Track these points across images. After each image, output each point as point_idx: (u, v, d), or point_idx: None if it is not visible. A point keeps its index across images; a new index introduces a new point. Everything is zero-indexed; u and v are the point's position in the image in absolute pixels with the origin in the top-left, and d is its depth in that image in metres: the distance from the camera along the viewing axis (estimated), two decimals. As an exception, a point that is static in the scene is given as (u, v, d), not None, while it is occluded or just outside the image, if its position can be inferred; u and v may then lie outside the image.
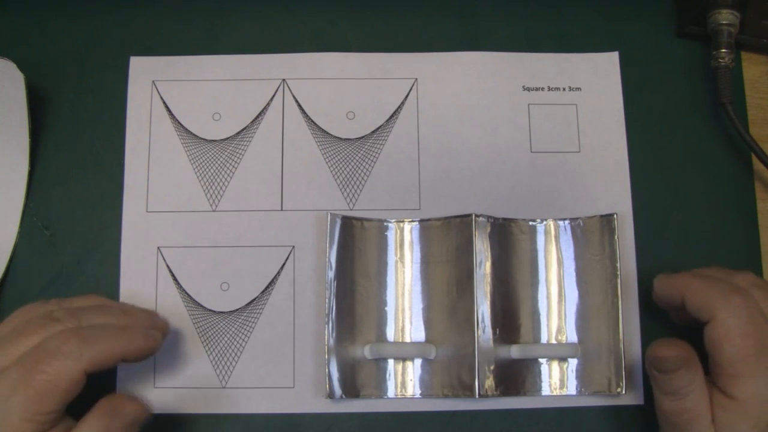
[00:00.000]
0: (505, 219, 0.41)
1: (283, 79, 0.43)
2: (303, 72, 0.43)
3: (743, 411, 0.32)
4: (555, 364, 0.40)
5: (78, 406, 0.34)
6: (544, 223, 0.41)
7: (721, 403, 0.33)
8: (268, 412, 0.39)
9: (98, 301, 0.38)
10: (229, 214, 0.41)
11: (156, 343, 0.36)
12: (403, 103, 0.43)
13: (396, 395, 0.39)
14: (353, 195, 0.42)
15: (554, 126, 0.43)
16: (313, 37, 0.44)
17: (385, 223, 0.41)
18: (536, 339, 0.40)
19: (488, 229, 0.40)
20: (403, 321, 0.40)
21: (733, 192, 0.42)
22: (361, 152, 0.42)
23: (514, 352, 0.40)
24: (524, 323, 0.40)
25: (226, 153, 0.42)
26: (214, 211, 0.41)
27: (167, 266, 0.41)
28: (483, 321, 0.39)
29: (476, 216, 0.40)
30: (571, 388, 0.40)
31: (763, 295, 0.34)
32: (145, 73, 0.43)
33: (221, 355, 0.40)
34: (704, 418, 0.33)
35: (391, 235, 0.41)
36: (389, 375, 0.40)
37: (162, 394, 0.39)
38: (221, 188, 0.42)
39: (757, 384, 0.32)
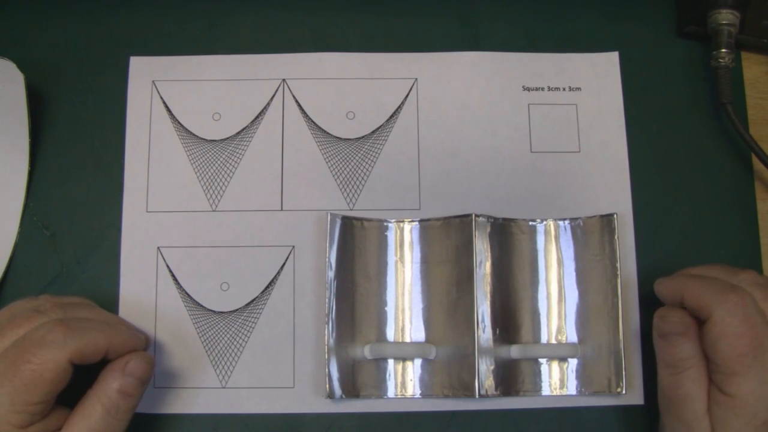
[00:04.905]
0: (505, 219, 0.41)
1: (283, 79, 0.43)
2: (303, 72, 0.43)
3: (739, 408, 0.32)
4: (555, 364, 0.40)
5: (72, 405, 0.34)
6: (544, 223, 0.41)
7: (718, 400, 0.33)
8: (268, 412, 0.39)
9: (87, 302, 0.38)
10: (229, 214, 0.41)
11: (140, 342, 0.36)
12: (403, 103, 0.43)
13: (396, 395, 0.39)
14: (353, 195, 0.42)
15: (554, 126, 0.43)
16: (313, 37, 0.44)
17: (385, 223, 0.41)
18: (536, 339, 0.40)
19: (488, 229, 0.40)
20: (403, 321, 0.40)
21: (733, 192, 0.42)
22: (361, 152, 0.42)
23: (514, 352, 0.40)
24: (524, 323, 0.40)
25: (226, 153, 0.42)
26: (214, 211, 0.41)
27: (167, 266, 0.41)
28: (483, 321, 0.39)
29: (476, 216, 0.40)
30: (571, 388, 0.40)
31: (764, 295, 0.34)
32: (145, 73, 0.43)
33: (221, 355, 0.40)
34: (698, 401, 0.34)
35: (391, 235, 0.41)
36: (389, 375, 0.40)
37: (162, 394, 0.39)
38: (221, 188, 0.42)
39: (753, 382, 0.32)
